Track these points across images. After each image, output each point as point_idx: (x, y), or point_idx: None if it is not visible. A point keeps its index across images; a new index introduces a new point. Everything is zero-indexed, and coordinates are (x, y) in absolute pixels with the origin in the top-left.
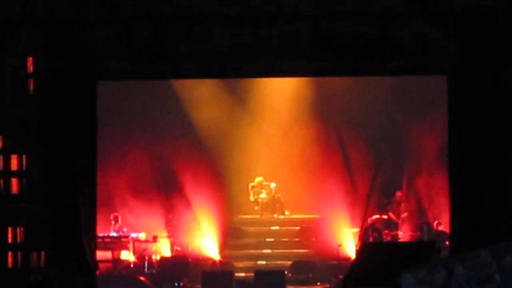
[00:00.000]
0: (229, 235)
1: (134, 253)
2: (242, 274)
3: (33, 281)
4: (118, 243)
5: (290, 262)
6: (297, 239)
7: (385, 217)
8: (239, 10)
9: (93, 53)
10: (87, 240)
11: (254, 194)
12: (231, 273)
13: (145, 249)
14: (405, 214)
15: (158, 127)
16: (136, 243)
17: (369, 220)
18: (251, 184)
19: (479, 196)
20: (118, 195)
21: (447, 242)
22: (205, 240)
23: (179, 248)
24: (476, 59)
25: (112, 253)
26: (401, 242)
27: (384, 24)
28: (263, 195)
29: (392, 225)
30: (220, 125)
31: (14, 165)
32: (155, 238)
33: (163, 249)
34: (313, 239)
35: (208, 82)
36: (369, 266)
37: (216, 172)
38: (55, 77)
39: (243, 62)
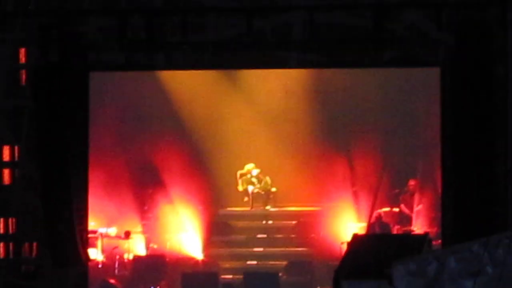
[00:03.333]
0: (214, 230)
1: (103, 251)
2: (229, 276)
3: (25, 272)
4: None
5: (285, 263)
6: (293, 236)
7: (396, 210)
8: (233, 1)
9: (86, 44)
10: (79, 231)
11: (243, 184)
12: (216, 275)
13: (116, 247)
14: (419, 207)
15: (139, 116)
16: (106, 240)
17: (377, 213)
18: (239, 172)
19: (472, 188)
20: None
21: None
22: (186, 237)
23: (155, 246)
24: (469, 50)
25: None
26: (392, 234)
27: (378, 16)
28: (253, 185)
29: (404, 220)
30: (206, 109)
31: (6, 156)
32: (127, 234)
33: (136, 246)
34: (312, 235)
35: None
36: (360, 258)
37: (200, 158)
38: (47, 68)
39: (236, 53)
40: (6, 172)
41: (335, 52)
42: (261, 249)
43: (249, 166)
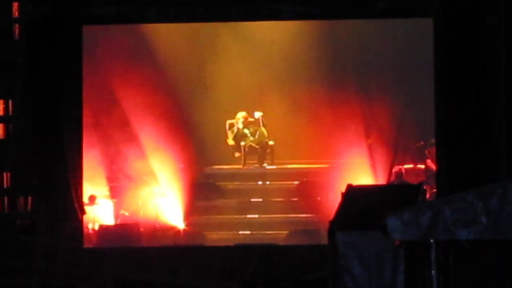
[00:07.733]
0: (199, 194)
1: None
2: None
3: (20, 226)
4: None
5: (285, 232)
6: (295, 199)
7: (421, 166)
8: None
9: None
10: (74, 185)
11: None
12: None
13: None
14: None
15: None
16: None
17: (397, 169)
18: (229, 122)
19: (465, 138)
20: None
21: None
22: (164, 202)
23: (126, 213)
24: (462, 0)
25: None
26: (386, 185)
27: None
28: (246, 138)
29: (431, 178)
30: (190, 56)
31: (0, 110)
32: (92, 199)
33: (103, 214)
34: (318, 198)
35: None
36: (355, 209)
37: (181, 107)
38: (40, 22)
39: (228, 5)
40: (0, 127)
41: (326, 4)
42: (256, 216)
43: (241, 115)
